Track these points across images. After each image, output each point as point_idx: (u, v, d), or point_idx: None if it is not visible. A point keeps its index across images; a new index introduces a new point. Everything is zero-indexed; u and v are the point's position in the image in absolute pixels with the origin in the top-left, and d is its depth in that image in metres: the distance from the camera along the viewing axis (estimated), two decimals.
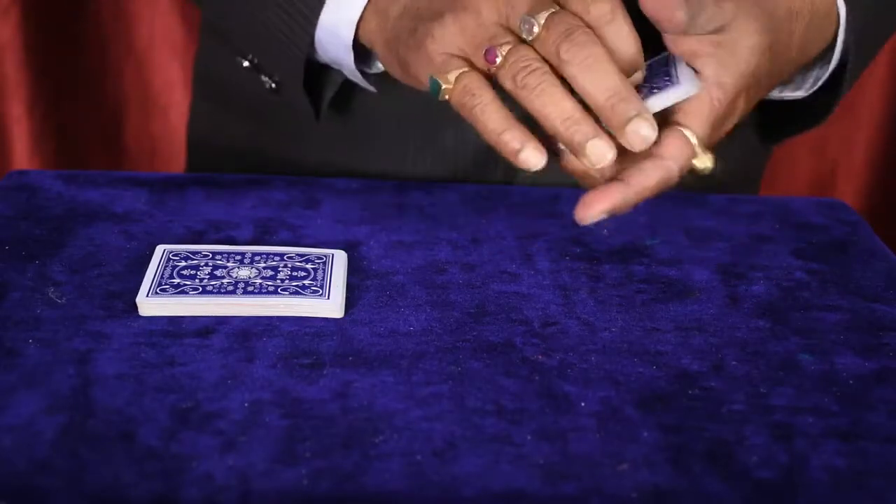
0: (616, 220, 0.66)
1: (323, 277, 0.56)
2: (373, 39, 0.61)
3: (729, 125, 0.56)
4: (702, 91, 0.53)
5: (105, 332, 0.51)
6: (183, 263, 0.56)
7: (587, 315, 0.54)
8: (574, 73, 0.50)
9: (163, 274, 0.55)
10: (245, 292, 0.54)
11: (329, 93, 0.71)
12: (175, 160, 1.27)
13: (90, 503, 0.40)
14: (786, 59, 0.58)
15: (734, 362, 0.51)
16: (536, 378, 0.49)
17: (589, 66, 0.50)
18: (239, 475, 0.41)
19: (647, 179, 0.52)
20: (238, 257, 0.57)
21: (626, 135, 0.50)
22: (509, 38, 0.52)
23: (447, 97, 0.53)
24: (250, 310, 0.53)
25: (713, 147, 0.54)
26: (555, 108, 0.50)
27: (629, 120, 0.49)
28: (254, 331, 0.52)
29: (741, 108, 0.55)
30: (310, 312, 0.53)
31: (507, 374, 0.49)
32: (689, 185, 0.69)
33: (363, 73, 0.65)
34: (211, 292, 0.54)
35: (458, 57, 0.53)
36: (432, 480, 0.42)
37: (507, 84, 0.51)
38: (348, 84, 0.69)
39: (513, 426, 0.45)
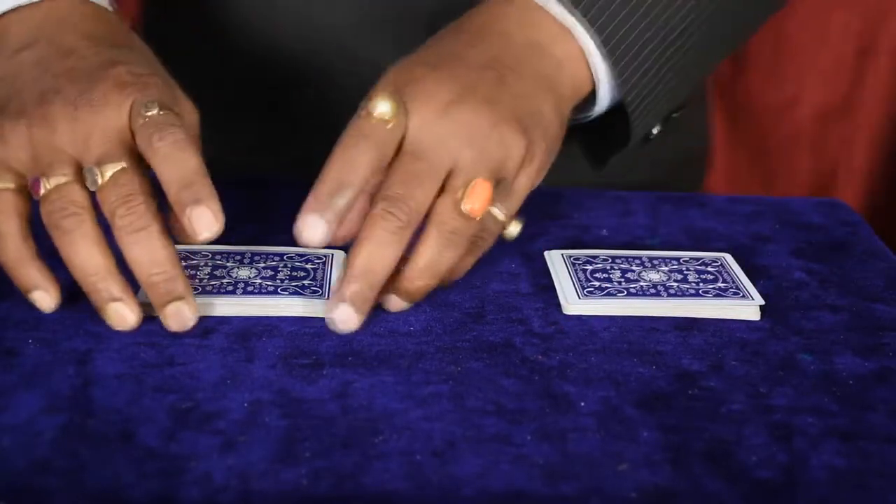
0: (615, 220, 0.67)
1: (322, 277, 0.56)
2: None
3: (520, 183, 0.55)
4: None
5: (104, 333, 0.51)
6: (182, 264, 0.56)
7: (587, 315, 0.54)
8: (125, 242, 0.50)
9: None
10: (245, 292, 0.54)
11: None
12: None
13: (90, 503, 0.40)
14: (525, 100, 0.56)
15: (734, 362, 0.51)
16: (536, 378, 0.49)
17: (138, 239, 0.50)
18: (238, 475, 0.41)
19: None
20: (237, 257, 0.57)
21: (164, 315, 0.50)
22: (67, 171, 0.51)
23: None
24: (250, 310, 0.53)
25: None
26: (80, 260, 0.50)
27: (170, 301, 0.50)
28: (254, 331, 0.52)
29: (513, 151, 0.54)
30: (310, 312, 0.53)
31: (507, 374, 0.49)
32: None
33: None
34: (211, 292, 0.54)
35: (11, 171, 0.52)
36: (432, 480, 0.42)
37: (45, 219, 0.50)
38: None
39: (512, 426, 0.45)
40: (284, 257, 0.58)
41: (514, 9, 0.59)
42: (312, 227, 0.50)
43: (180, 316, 0.50)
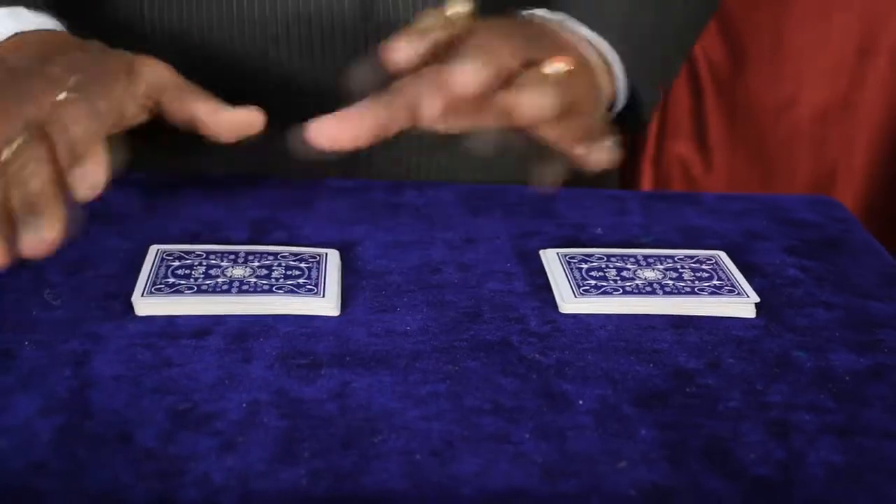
0: (610, 219, 0.67)
1: (317, 276, 0.56)
2: None
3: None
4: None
5: (101, 334, 0.51)
6: (177, 263, 0.56)
7: (583, 313, 0.55)
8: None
9: (157, 274, 0.55)
10: (241, 291, 0.54)
11: None
12: None
13: None
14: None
15: (730, 360, 0.51)
16: (534, 377, 0.49)
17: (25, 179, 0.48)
18: (238, 476, 0.41)
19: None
20: (232, 257, 0.57)
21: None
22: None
23: None
24: (246, 308, 0.53)
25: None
26: None
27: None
28: (250, 331, 0.52)
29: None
30: (306, 310, 0.53)
31: (505, 373, 0.49)
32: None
33: None
34: (206, 291, 0.54)
35: None
36: (431, 480, 0.42)
37: None
38: None
39: (511, 425, 0.45)
40: (279, 256, 0.58)
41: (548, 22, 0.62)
42: (401, 48, 0.51)
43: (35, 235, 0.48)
